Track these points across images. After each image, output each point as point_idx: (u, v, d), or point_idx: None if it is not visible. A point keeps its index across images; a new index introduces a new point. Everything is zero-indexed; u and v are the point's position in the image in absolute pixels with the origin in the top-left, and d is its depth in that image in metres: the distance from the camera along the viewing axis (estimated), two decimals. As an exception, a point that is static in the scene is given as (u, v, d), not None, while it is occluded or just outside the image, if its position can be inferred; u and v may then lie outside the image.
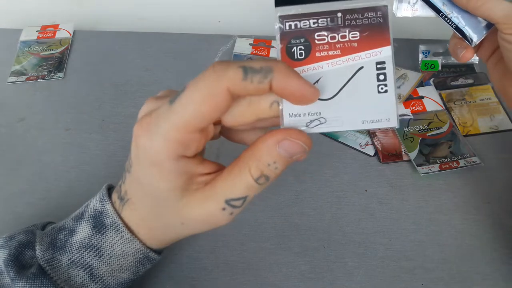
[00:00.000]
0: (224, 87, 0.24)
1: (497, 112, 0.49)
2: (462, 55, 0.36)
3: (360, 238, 0.41)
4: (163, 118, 0.25)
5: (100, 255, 0.31)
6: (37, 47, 0.59)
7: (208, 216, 0.28)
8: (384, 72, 0.25)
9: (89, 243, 0.31)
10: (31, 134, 0.50)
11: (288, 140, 0.25)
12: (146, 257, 0.32)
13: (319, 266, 0.39)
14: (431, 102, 0.50)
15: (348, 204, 0.43)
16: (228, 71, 0.24)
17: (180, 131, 0.25)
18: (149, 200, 0.29)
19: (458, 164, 0.44)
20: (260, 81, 0.24)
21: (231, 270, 0.39)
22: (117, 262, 0.31)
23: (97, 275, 0.31)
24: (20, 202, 0.44)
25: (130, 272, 0.32)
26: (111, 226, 0.31)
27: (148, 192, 0.28)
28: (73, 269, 0.31)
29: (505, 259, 0.39)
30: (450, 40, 0.37)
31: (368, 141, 0.48)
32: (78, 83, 0.55)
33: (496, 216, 0.42)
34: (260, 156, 0.26)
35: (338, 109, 0.25)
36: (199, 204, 0.27)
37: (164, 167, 0.26)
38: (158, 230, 0.31)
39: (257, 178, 0.26)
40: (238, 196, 0.27)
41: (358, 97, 0.25)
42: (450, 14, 0.34)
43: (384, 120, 0.25)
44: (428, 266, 0.39)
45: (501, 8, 0.31)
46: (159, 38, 0.59)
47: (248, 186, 0.27)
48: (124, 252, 0.31)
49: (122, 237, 0.31)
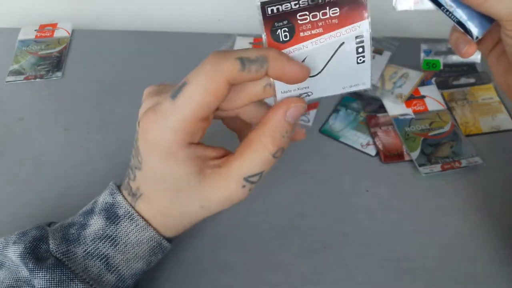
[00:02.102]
0: (223, 79, 0.26)
1: (499, 112, 0.49)
2: (465, 51, 0.35)
3: (361, 238, 0.41)
4: (170, 113, 0.28)
5: (116, 244, 0.32)
6: (35, 46, 0.58)
7: (229, 195, 0.30)
8: (362, 45, 0.27)
9: (103, 234, 0.32)
10: (29, 134, 0.50)
11: (292, 108, 0.28)
12: (159, 245, 0.33)
13: (319, 267, 0.39)
14: (433, 102, 0.50)
15: (349, 204, 0.43)
16: (226, 64, 0.26)
17: (187, 123, 0.27)
18: (167, 191, 0.30)
19: (460, 164, 0.44)
20: (257, 70, 0.26)
21: (231, 271, 0.39)
22: (132, 251, 0.32)
23: (113, 265, 0.32)
24: (18, 202, 0.44)
25: (143, 262, 0.33)
26: (125, 216, 0.32)
27: (165, 182, 0.30)
28: (89, 259, 0.31)
29: (508, 259, 0.39)
30: (450, 34, 0.36)
31: (369, 141, 0.47)
32: (77, 82, 0.55)
33: (498, 217, 0.41)
34: (274, 131, 0.28)
35: (322, 81, 0.28)
36: (219, 185, 0.29)
37: (178, 155, 0.28)
38: (175, 218, 0.32)
39: (275, 152, 0.29)
40: (255, 172, 0.29)
41: (340, 69, 0.28)
42: (452, 8, 0.34)
43: (360, 84, 0.29)
44: (429, 267, 0.39)
45: (505, 5, 0.31)
46: (158, 37, 0.59)
47: (266, 161, 0.29)
48: (138, 240, 0.32)
49: (137, 225, 0.32)
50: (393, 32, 0.56)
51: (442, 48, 0.53)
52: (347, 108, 0.50)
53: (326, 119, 0.50)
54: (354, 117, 0.49)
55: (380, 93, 0.51)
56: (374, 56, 0.54)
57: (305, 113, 0.29)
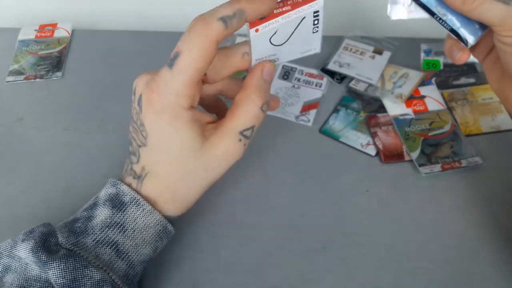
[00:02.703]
0: (213, 41, 0.30)
1: (499, 111, 0.49)
2: (458, 57, 0.36)
3: (361, 238, 0.41)
4: (170, 80, 0.31)
5: (124, 230, 0.33)
6: (35, 46, 0.58)
7: (227, 150, 0.33)
8: (318, 18, 0.33)
9: (111, 222, 0.33)
10: (29, 134, 0.50)
11: (266, 67, 0.34)
12: (165, 229, 0.35)
13: (319, 267, 0.39)
14: (433, 102, 0.50)
15: (349, 204, 0.43)
16: (212, 27, 0.30)
17: (188, 86, 0.31)
18: (172, 160, 0.33)
19: (460, 164, 0.44)
20: (238, 22, 0.30)
21: (231, 271, 0.39)
22: (140, 236, 0.34)
23: (123, 251, 0.33)
24: (18, 202, 0.44)
25: (150, 247, 0.34)
26: (131, 202, 0.33)
27: (171, 150, 0.33)
28: (99, 247, 0.32)
29: (508, 259, 0.39)
30: (445, 42, 0.37)
31: (369, 141, 0.47)
32: (77, 82, 0.55)
33: (499, 216, 0.42)
34: (257, 88, 0.33)
35: (286, 49, 0.34)
36: (217, 144, 0.33)
37: (183, 118, 0.32)
38: (182, 189, 0.34)
39: (262, 105, 0.33)
40: (248, 126, 0.33)
41: (300, 38, 0.34)
42: (444, 16, 0.34)
43: (312, 49, 0.36)
44: (430, 267, 0.39)
45: (496, 11, 0.31)
46: (158, 37, 0.59)
47: (256, 115, 0.33)
48: (146, 224, 0.34)
49: (143, 210, 0.33)
50: (393, 32, 0.56)
51: (442, 48, 0.53)
52: (347, 108, 0.50)
53: (326, 119, 0.50)
54: (354, 117, 0.50)
55: (380, 93, 0.51)
56: (374, 56, 0.54)
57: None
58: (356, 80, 0.52)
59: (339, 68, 0.53)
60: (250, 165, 0.46)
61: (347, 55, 0.55)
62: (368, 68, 0.53)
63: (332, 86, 0.53)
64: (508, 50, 0.32)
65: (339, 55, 0.55)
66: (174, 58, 0.31)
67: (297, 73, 0.54)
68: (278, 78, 0.53)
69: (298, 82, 0.53)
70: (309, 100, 0.51)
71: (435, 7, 0.34)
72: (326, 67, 0.54)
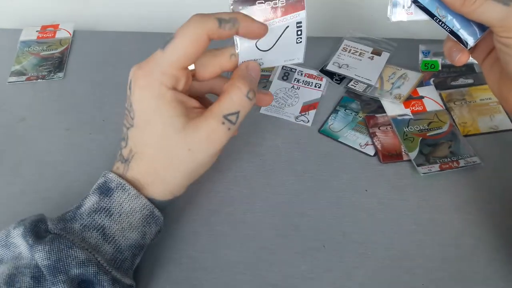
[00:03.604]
0: (205, 33, 0.32)
1: (497, 112, 0.49)
2: (457, 59, 0.36)
3: (360, 238, 0.41)
4: (160, 59, 0.33)
5: (110, 215, 0.34)
6: (37, 47, 0.59)
7: (211, 132, 0.34)
8: (301, 28, 0.36)
9: (98, 207, 0.34)
10: (31, 134, 0.50)
11: (251, 64, 0.36)
12: (151, 214, 0.35)
13: (319, 266, 0.39)
14: (431, 102, 0.50)
15: (348, 204, 0.43)
16: (208, 21, 0.32)
17: (174, 67, 0.33)
18: (156, 139, 0.34)
19: (458, 164, 0.44)
20: (230, 28, 0.33)
21: (231, 270, 0.39)
22: (127, 220, 0.34)
23: (109, 235, 0.34)
24: (20, 202, 0.44)
25: (137, 232, 0.35)
26: (117, 187, 0.34)
27: (155, 128, 0.34)
28: (86, 231, 0.33)
29: (506, 259, 0.39)
30: (444, 44, 0.37)
31: (368, 141, 0.48)
32: (78, 83, 0.55)
33: (497, 216, 0.42)
34: (244, 77, 0.35)
35: (271, 55, 0.37)
36: (201, 125, 0.34)
37: (166, 96, 0.33)
38: (168, 168, 0.35)
39: (247, 92, 0.34)
40: (233, 111, 0.34)
41: (284, 46, 0.36)
42: (444, 18, 0.34)
43: (295, 59, 0.38)
44: (428, 266, 0.39)
45: (496, 12, 0.31)
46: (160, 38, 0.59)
47: (241, 101, 0.34)
48: (132, 208, 0.34)
49: (129, 194, 0.34)
50: (392, 33, 0.57)
51: (441, 49, 0.53)
52: (346, 109, 0.51)
53: (325, 119, 0.50)
54: (353, 117, 0.50)
55: (378, 94, 0.51)
56: (373, 57, 0.54)
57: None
58: (355, 81, 0.53)
59: (338, 69, 0.54)
60: (250, 165, 0.46)
61: (346, 56, 0.55)
62: (367, 69, 0.53)
63: (331, 87, 0.53)
64: (507, 51, 0.33)
65: (338, 56, 0.55)
66: (167, 41, 0.33)
67: (296, 73, 0.54)
68: (278, 79, 0.54)
69: (298, 82, 0.53)
70: (308, 101, 0.52)
71: (435, 9, 0.34)
72: (325, 68, 0.54)
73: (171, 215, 0.43)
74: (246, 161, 0.47)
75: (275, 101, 0.52)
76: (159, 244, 0.41)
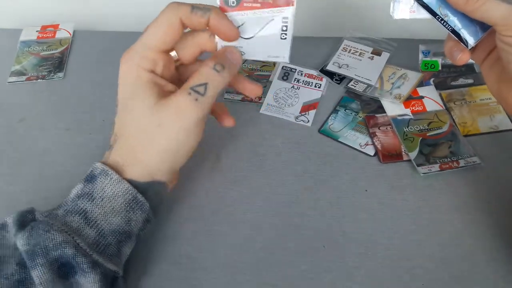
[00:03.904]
0: (178, 18, 0.34)
1: (497, 112, 0.49)
2: (459, 58, 0.36)
3: (360, 238, 0.41)
4: (138, 44, 0.36)
5: (93, 199, 0.35)
6: (37, 47, 0.59)
7: (179, 104, 0.34)
8: (286, 25, 0.35)
9: (81, 193, 0.35)
10: (31, 134, 0.50)
11: (230, 47, 0.36)
12: (135, 199, 0.35)
13: (319, 266, 0.39)
14: (431, 102, 0.50)
15: (348, 204, 0.43)
16: (182, 7, 0.34)
17: (151, 50, 0.35)
18: (134, 116, 0.35)
19: (458, 164, 0.44)
20: (202, 16, 0.34)
21: (231, 270, 0.39)
22: (109, 204, 0.35)
23: (91, 219, 0.34)
24: (20, 202, 0.44)
25: (121, 217, 0.35)
26: (100, 173, 0.35)
27: (133, 106, 0.35)
28: (68, 216, 0.34)
29: (506, 259, 0.39)
30: (445, 43, 0.37)
31: (368, 141, 0.48)
32: (78, 83, 0.55)
33: (496, 216, 0.42)
34: (218, 55, 0.36)
35: (253, 45, 0.36)
36: (171, 99, 0.34)
37: (143, 78, 0.35)
38: (140, 148, 0.35)
39: (214, 65, 0.35)
40: (200, 82, 0.35)
41: (267, 39, 0.36)
42: (446, 17, 0.34)
43: (281, 57, 0.37)
44: (428, 266, 0.39)
45: (499, 10, 0.31)
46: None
47: (208, 73, 0.35)
48: (114, 193, 0.35)
49: (111, 179, 0.35)
50: (392, 33, 0.57)
51: (441, 49, 0.53)
52: (346, 109, 0.51)
53: (325, 119, 0.50)
54: (353, 117, 0.50)
55: (378, 94, 0.51)
56: (373, 57, 0.54)
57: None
58: (355, 81, 0.53)
59: (338, 69, 0.54)
60: (250, 165, 0.46)
61: (346, 56, 0.55)
62: (367, 69, 0.53)
63: (331, 87, 0.53)
64: (510, 50, 0.33)
65: (338, 56, 0.55)
66: (146, 29, 0.35)
67: (296, 74, 0.54)
68: (278, 79, 0.54)
69: (298, 82, 0.53)
70: (308, 101, 0.52)
71: (437, 8, 0.34)
72: (325, 68, 0.54)
73: (171, 215, 0.43)
74: (246, 161, 0.47)
75: (275, 101, 0.52)
76: (159, 243, 0.41)
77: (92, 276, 0.32)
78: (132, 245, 0.37)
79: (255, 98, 0.52)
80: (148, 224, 0.38)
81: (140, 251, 0.40)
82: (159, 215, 0.42)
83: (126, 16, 0.66)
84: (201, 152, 0.47)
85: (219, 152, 0.47)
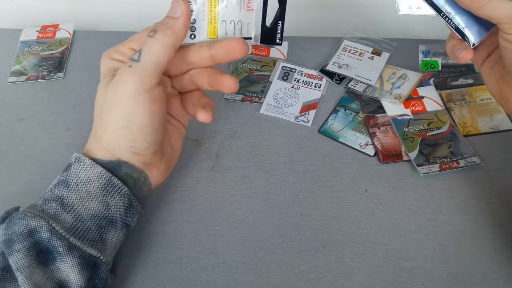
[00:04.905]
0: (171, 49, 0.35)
1: (497, 112, 0.49)
2: (462, 56, 0.36)
3: (360, 238, 0.41)
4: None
5: (68, 185, 0.35)
6: (37, 47, 0.59)
7: (117, 76, 0.35)
8: None
9: (58, 181, 0.36)
10: (31, 134, 0.50)
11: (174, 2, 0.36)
12: (110, 182, 0.36)
13: (319, 266, 0.39)
14: (431, 102, 0.50)
15: (348, 204, 0.43)
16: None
17: (124, 46, 0.37)
18: (98, 100, 0.37)
19: (458, 164, 0.44)
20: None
21: (231, 270, 0.39)
22: (84, 189, 0.35)
23: (68, 204, 0.35)
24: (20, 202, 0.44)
25: (98, 202, 0.35)
26: (75, 161, 0.36)
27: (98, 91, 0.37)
28: (46, 204, 0.35)
29: (505, 259, 0.39)
30: (447, 42, 0.37)
31: (368, 141, 0.48)
32: (78, 83, 0.55)
33: (496, 216, 0.42)
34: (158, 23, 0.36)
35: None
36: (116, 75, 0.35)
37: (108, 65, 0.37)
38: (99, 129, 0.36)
39: (149, 32, 0.35)
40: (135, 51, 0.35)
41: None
42: (451, 15, 0.34)
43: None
44: (428, 266, 0.39)
45: (505, 8, 0.31)
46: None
47: (141, 40, 0.35)
48: (88, 178, 0.35)
49: (84, 164, 0.36)
50: (392, 33, 0.57)
51: (441, 49, 0.53)
52: (346, 109, 0.51)
53: (325, 119, 0.50)
54: (353, 117, 0.50)
55: (378, 94, 0.51)
56: (372, 57, 0.54)
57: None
58: (355, 81, 0.53)
59: (338, 69, 0.54)
60: (250, 165, 0.46)
61: (346, 56, 0.55)
62: (367, 69, 0.53)
63: (331, 87, 0.53)
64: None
65: (338, 56, 0.55)
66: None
67: (296, 74, 0.54)
68: (278, 79, 0.54)
69: (298, 82, 0.53)
70: (308, 101, 0.52)
71: (442, 5, 0.34)
72: (325, 68, 0.54)
73: (171, 215, 0.43)
74: (246, 161, 0.47)
75: (275, 101, 0.52)
76: (159, 243, 0.41)
77: (69, 259, 0.33)
78: (119, 233, 0.37)
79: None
80: (132, 210, 0.37)
81: (140, 251, 0.40)
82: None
83: (126, 16, 0.66)
84: (201, 152, 0.47)
85: (219, 152, 0.47)
